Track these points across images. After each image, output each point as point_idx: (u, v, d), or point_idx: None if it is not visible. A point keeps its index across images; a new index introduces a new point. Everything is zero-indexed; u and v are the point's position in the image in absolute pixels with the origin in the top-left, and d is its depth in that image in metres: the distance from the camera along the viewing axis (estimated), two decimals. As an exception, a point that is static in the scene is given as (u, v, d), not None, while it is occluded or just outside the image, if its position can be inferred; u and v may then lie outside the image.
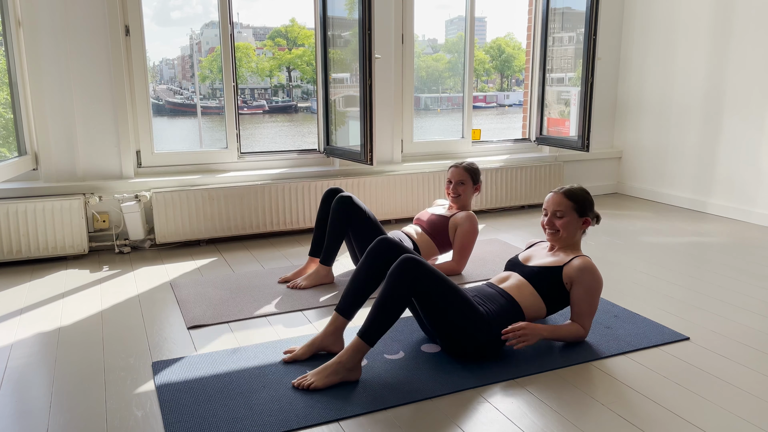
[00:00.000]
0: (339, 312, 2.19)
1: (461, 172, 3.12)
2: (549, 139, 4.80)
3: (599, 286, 2.23)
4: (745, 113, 4.22)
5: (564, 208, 2.29)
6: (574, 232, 2.31)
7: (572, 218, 2.29)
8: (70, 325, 2.53)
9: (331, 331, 2.19)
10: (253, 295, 2.85)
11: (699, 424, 1.79)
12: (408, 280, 1.98)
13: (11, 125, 3.37)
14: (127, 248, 3.59)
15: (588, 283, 2.20)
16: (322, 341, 2.19)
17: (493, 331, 2.13)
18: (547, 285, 2.23)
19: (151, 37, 43.59)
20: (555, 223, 2.29)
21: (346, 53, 3.96)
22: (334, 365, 1.98)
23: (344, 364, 1.98)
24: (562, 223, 2.29)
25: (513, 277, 2.31)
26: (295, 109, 32.33)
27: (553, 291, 2.24)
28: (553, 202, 2.32)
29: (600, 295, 2.26)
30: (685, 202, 4.68)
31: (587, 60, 4.27)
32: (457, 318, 2.08)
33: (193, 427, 1.77)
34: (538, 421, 1.82)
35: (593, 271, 2.21)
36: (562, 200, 2.30)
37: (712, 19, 4.38)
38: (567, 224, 2.29)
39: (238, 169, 3.99)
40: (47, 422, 1.81)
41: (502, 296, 2.22)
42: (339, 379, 1.98)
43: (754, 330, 2.46)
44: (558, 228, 2.29)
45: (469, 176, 3.13)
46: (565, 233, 2.29)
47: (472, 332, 2.10)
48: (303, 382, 1.97)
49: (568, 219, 2.29)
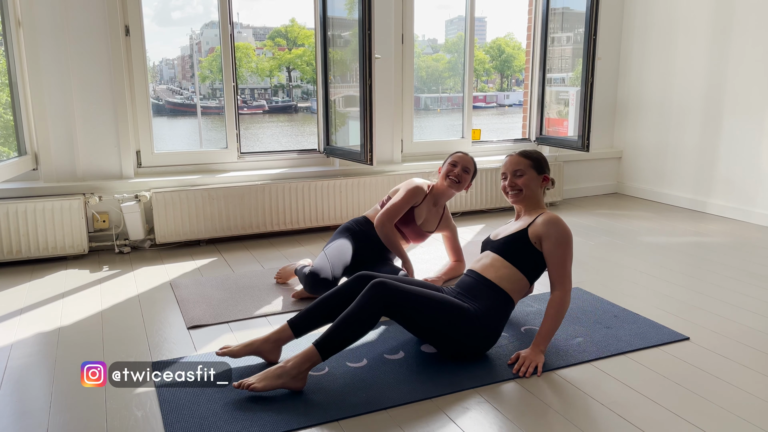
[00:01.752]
0: (291, 325, 2.14)
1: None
2: (549, 139, 4.80)
3: (568, 236, 2.20)
4: (745, 113, 4.22)
5: (523, 167, 2.33)
6: (536, 189, 2.33)
7: (532, 175, 2.32)
8: (70, 325, 2.53)
9: (273, 339, 2.13)
10: (253, 295, 2.85)
11: (699, 424, 1.79)
12: (378, 305, 1.97)
13: (11, 125, 3.37)
14: (127, 248, 3.59)
15: (555, 235, 2.18)
16: (260, 345, 2.12)
17: (483, 326, 2.12)
18: (517, 252, 2.23)
19: (151, 37, 43.58)
20: (516, 182, 2.32)
21: (346, 53, 3.96)
22: (278, 369, 1.93)
23: (289, 371, 1.92)
24: (522, 181, 2.31)
25: (486, 256, 2.32)
26: (295, 109, 32.30)
27: (525, 256, 2.22)
28: (511, 163, 2.35)
29: (572, 247, 2.21)
30: (685, 202, 4.68)
31: (587, 60, 4.27)
32: (444, 328, 2.08)
33: (193, 427, 1.77)
34: (538, 421, 1.82)
35: (557, 222, 2.21)
36: (520, 160, 2.34)
37: (711, 19, 4.38)
38: (528, 182, 2.31)
39: (238, 169, 3.98)
40: (47, 422, 1.81)
41: (483, 284, 2.20)
42: (280, 384, 1.91)
43: (754, 330, 2.45)
44: (520, 187, 2.31)
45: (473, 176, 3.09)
46: (528, 191, 2.31)
47: (462, 338, 2.10)
48: (243, 383, 1.91)
49: (528, 176, 2.32)
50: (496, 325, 2.16)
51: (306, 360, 1.93)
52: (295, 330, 2.14)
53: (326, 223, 4.01)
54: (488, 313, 2.14)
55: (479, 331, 2.12)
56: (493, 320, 2.15)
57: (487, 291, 2.19)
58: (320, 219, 3.99)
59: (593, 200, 5.00)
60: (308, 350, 1.94)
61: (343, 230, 2.99)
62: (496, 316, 2.16)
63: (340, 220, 4.01)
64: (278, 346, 2.15)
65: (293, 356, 1.95)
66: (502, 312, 2.19)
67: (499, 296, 2.18)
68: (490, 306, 2.15)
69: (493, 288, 2.19)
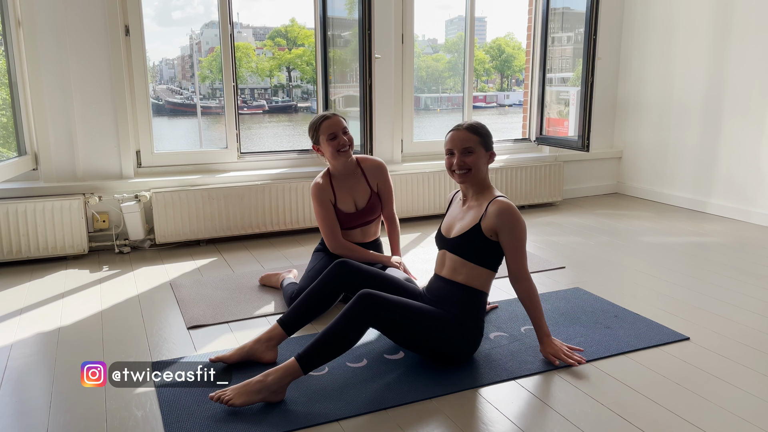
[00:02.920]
0: (281, 324, 2.13)
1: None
2: (549, 139, 4.80)
3: (522, 224, 2.12)
4: (745, 113, 4.22)
5: (473, 144, 2.16)
6: (483, 167, 2.19)
7: (481, 153, 2.17)
8: (70, 325, 2.53)
9: (265, 338, 2.12)
10: (253, 295, 2.85)
11: (699, 424, 1.79)
12: (368, 317, 1.94)
13: (11, 125, 3.37)
14: (127, 248, 3.59)
15: (509, 225, 2.09)
16: (253, 347, 2.10)
17: (462, 329, 2.10)
18: (473, 249, 2.14)
19: (151, 37, 43.57)
20: (465, 161, 2.15)
21: (346, 53, 3.96)
22: (258, 384, 1.86)
23: (269, 386, 1.86)
24: (472, 159, 2.15)
25: (446, 257, 2.23)
26: (295, 109, 32.29)
27: (484, 251, 2.14)
28: (460, 139, 2.17)
29: (525, 232, 2.13)
30: (685, 202, 4.68)
31: (587, 60, 4.27)
32: (430, 333, 2.06)
33: (193, 427, 1.77)
34: (538, 421, 1.82)
35: (510, 211, 2.10)
36: (469, 136, 2.16)
37: (712, 19, 4.38)
38: (476, 160, 2.15)
39: (238, 169, 3.98)
40: (47, 422, 1.81)
41: (455, 288, 2.17)
42: (260, 399, 1.86)
43: (754, 330, 2.45)
44: (470, 166, 2.15)
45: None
46: (476, 170, 2.16)
47: (445, 345, 2.09)
48: (222, 397, 1.84)
49: (477, 154, 2.16)
50: (473, 324, 2.14)
51: (287, 375, 1.89)
52: (286, 328, 2.14)
53: (326, 223, 4.01)
54: (464, 315, 2.12)
55: (459, 334, 2.10)
56: (469, 320, 2.13)
57: (459, 294, 2.15)
58: (320, 219, 3.99)
59: (593, 200, 5.00)
60: (290, 365, 1.89)
61: (316, 252, 2.90)
62: (470, 315, 2.13)
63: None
64: (272, 346, 2.14)
65: (273, 369, 1.89)
66: (477, 308, 2.16)
67: (472, 295, 2.15)
68: (463, 307, 2.13)
69: (464, 289, 2.15)
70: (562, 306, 2.68)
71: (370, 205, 2.83)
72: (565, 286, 2.96)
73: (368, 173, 2.85)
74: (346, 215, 2.80)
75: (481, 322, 2.17)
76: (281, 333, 2.14)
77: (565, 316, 2.57)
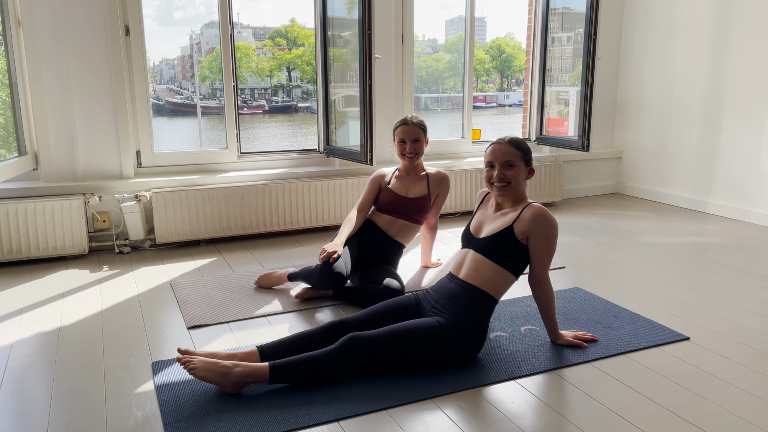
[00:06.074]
0: (260, 352, 2.03)
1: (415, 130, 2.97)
2: (549, 139, 4.80)
3: (556, 230, 2.14)
4: (745, 113, 4.22)
5: (514, 158, 2.17)
6: (522, 182, 2.21)
7: (521, 167, 2.19)
8: (70, 325, 2.53)
9: (241, 357, 2.01)
10: (253, 295, 2.85)
11: (699, 424, 1.79)
12: (350, 360, 1.96)
13: (11, 125, 3.37)
14: (127, 248, 3.59)
15: (543, 231, 2.12)
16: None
17: (461, 336, 2.09)
18: (503, 251, 2.14)
19: (151, 37, 43.58)
20: (506, 174, 2.17)
21: (346, 53, 3.96)
22: (223, 368, 1.89)
23: (231, 377, 1.89)
24: (513, 173, 2.17)
25: (469, 257, 2.22)
26: (295, 109, 32.33)
27: (512, 254, 2.14)
28: (501, 153, 2.18)
29: (556, 240, 2.17)
30: (685, 202, 4.68)
31: (587, 60, 4.27)
32: (425, 349, 2.06)
33: (192, 427, 1.77)
34: (538, 421, 1.82)
35: (546, 217, 2.12)
36: (511, 150, 2.18)
37: (712, 19, 4.38)
38: (517, 174, 2.18)
39: (238, 169, 3.99)
40: (47, 422, 1.81)
41: (466, 290, 2.14)
42: (218, 382, 1.89)
43: (754, 330, 2.46)
44: (510, 180, 2.17)
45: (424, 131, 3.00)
46: (515, 184, 2.18)
47: (441, 354, 2.08)
48: (189, 363, 1.89)
49: (517, 168, 2.18)
50: (475, 328, 2.11)
51: (253, 375, 1.90)
52: (264, 358, 2.03)
53: (326, 223, 4.01)
54: (467, 320, 2.10)
55: (457, 341, 2.08)
56: (472, 324, 2.10)
57: (470, 297, 2.13)
58: (320, 219, 3.99)
59: (593, 200, 5.00)
60: (261, 368, 1.91)
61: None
62: (475, 320, 2.11)
63: (340, 220, 4.01)
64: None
65: (243, 364, 1.91)
66: (484, 314, 2.14)
67: (483, 299, 2.13)
68: (469, 311, 2.11)
69: (476, 293, 2.13)
70: (562, 306, 2.69)
71: (419, 202, 2.97)
72: (565, 286, 2.96)
73: (432, 180, 3.03)
74: (393, 194, 2.97)
75: (484, 327, 2.16)
76: (257, 359, 2.02)
77: (565, 316, 2.57)
